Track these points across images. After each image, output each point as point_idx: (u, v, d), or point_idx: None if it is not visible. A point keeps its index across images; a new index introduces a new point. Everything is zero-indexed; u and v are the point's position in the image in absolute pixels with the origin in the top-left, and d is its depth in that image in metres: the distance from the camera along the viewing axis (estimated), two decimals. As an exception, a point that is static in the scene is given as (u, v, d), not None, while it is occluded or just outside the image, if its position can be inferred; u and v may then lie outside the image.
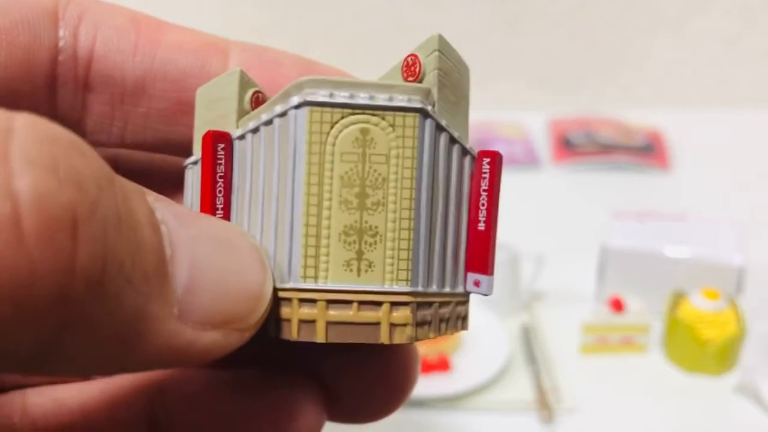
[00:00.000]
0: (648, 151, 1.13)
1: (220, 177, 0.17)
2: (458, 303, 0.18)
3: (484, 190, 0.17)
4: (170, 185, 0.21)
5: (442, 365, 0.67)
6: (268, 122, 0.16)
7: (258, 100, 0.18)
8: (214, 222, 0.15)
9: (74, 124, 0.19)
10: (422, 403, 0.63)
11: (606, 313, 0.70)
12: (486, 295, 0.17)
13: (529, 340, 0.72)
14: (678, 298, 0.70)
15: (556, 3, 1.25)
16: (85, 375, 0.14)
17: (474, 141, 1.17)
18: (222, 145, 0.17)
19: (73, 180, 0.11)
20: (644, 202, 0.89)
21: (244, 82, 0.18)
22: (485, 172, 0.17)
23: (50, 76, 0.18)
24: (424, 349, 0.67)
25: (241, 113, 0.18)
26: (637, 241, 0.75)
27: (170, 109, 0.19)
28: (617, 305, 0.70)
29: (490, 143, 1.16)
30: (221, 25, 1.27)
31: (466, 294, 0.18)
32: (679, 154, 1.14)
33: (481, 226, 0.17)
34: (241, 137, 0.17)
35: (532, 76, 1.30)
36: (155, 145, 0.20)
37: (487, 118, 1.25)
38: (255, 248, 0.15)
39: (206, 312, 0.13)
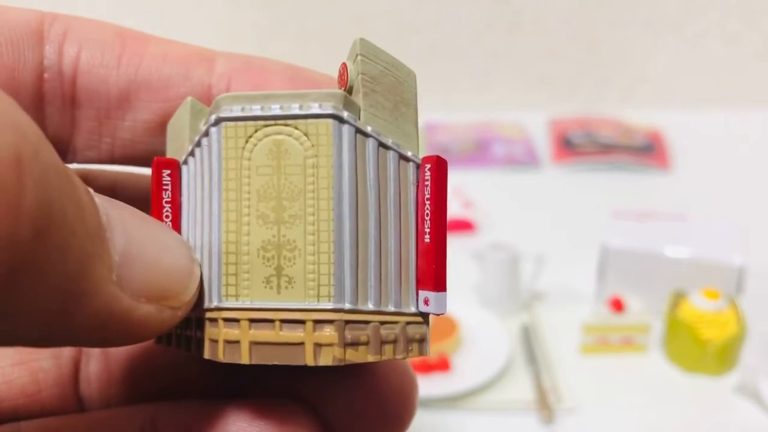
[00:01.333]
0: (648, 151, 1.13)
1: (167, 202, 0.17)
2: (409, 323, 0.16)
3: (427, 199, 0.16)
4: None
5: (442, 365, 0.67)
6: (198, 143, 0.16)
7: None
8: (140, 211, 0.15)
9: (65, 142, 0.19)
10: (422, 403, 0.63)
11: (606, 313, 0.70)
12: (438, 314, 0.16)
13: (529, 340, 0.72)
14: (678, 298, 0.70)
15: (557, 3, 1.25)
16: (34, 342, 0.14)
17: (474, 141, 1.17)
18: (168, 171, 0.17)
19: (14, 126, 0.10)
20: (644, 202, 0.89)
21: (196, 110, 0.17)
22: (427, 180, 0.16)
23: (37, 94, 0.18)
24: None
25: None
26: (637, 241, 0.75)
27: (156, 121, 0.19)
28: (617, 305, 0.70)
29: (491, 143, 1.16)
30: (223, 26, 1.27)
31: (422, 314, 0.17)
32: (679, 154, 1.14)
33: (427, 239, 0.16)
34: (185, 162, 0.17)
35: (532, 76, 1.30)
36: (143, 158, 0.20)
37: (487, 118, 1.25)
38: (180, 239, 0.15)
39: (141, 283, 0.13)
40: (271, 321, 0.14)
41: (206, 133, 0.15)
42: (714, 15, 1.23)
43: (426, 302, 0.16)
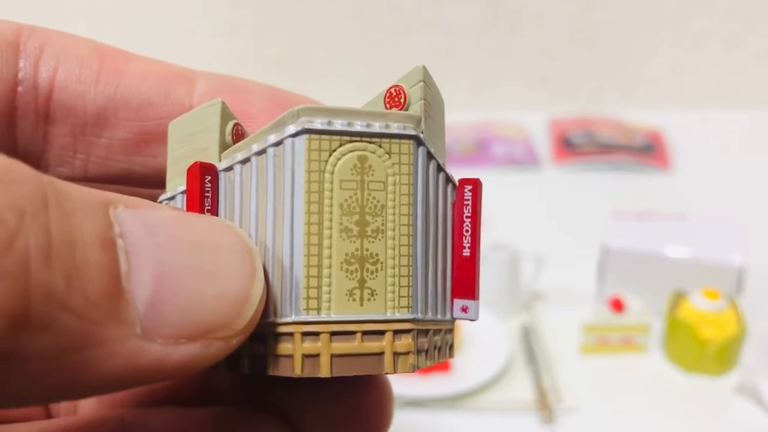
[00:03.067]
0: (648, 151, 1.13)
1: (207, 210, 0.17)
2: (447, 330, 0.18)
3: (467, 217, 0.17)
4: None
5: (442, 365, 0.67)
6: (261, 152, 0.16)
7: (239, 133, 0.18)
8: (195, 223, 0.14)
9: (36, 157, 0.19)
10: (422, 403, 0.63)
11: (606, 313, 0.70)
12: (473, 320, 0.17)
13: (529, 340, 0.72)
14: (678, 298, 0.70)
15: (556, 3, 1.25)
16: (40, 404, 0.13)
17: (474, 141, 1.17)
18: (209, 177, 0.17)
19: None
20: (644, 202, 0.89)
21: (225, 114, 0.17)
22: (467, 200, 0.17)
23: (9, 107, 0.18)
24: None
25: (223, 145, 0.17)
26: (637, 241, 0.75)
27: (133, 139, 0.19)
28: (617, 305, 0.70)
29: (490, 143, 1.16)
30: (223, 27, 1.27)
31: (453, 321, 0.18)
32: (679, 154, 1.14)
33: (466, 252, 0.17)
34: (228, 169, 0.17)
35: (532, 76, 1.30)
36: (118, 177, 0.19)
37: (487, 118, 1.25)
38: (242, 246, 0.14)
39: (177, 325, 0.13)
40: (353, 333, 0.15)
41: (277, 143, 0.15)
42: (714, 15, 1.23)
43: (464, 310, 0.17)
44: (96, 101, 0.18)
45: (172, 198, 0.18)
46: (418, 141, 0.15)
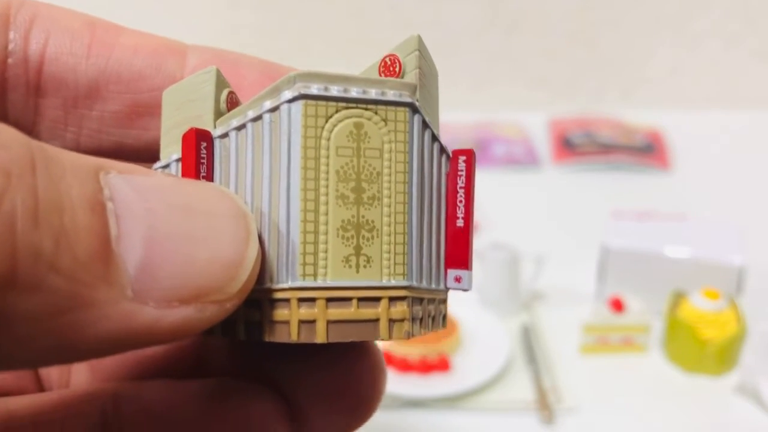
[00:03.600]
0: (648, 151, 1.13)
1: (203, 177, 0.17)
2: (441, 300, 0.18)
3: (461, 188, 0.17)
4: None
5: (442, 365, 0.67)
6: (256, 118, 0.15)
7: (233, 101, 0.18)
8: (188, 188, 0.14)
9: (27, 129, 0.19)
10: (422, 403, 0.63)
11: (606, 313, 0.70)
12: (466, 290, 0.17)
13: (529, 340, 0.72)
14: (678, 298, 0.70)
15: (556, 3, 1.25)
16: (31, 368, 0.13)
17: (474, 141, 1.17)
18: (204, 144, 0.17)
19: None
20: (644, 202, 0.89)
21: (220, 81, 0.17)
22: (461, 170, 0.17)
23: (0, 79, 0.18)
24: (424, 349, 0.67)
25: (218, 113, 0.17)
26: (637, 241, 0.75)
27: (125, 112, 0.19)
28: (617, 305, 0.70)
29: (490, 143, 1.16)
30: (222, 25, 1.27)
31: (446, 291, 0.18)
32: (679, 154, 1.14)
33: (460, 223, 0.17)
34: (224, 135, 0.17)
35: (532, 76, 1.30)
36: (110, 150, 0.19)
37: (487, 118, 1.25)
38: (236, 211, 0.14)
39: (169, 288, 0.13)
40: (349, 299, 0.15)
41: (273, 109, 0.15)
42: (714, 15, 1.23)
43: (457, 280, 0.17)
44: (87, 74, 0.18)
45: (166, 166, 0.18)
46: (414, 108, 0.15)
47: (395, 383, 0.64)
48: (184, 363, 0.19)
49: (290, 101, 0.15)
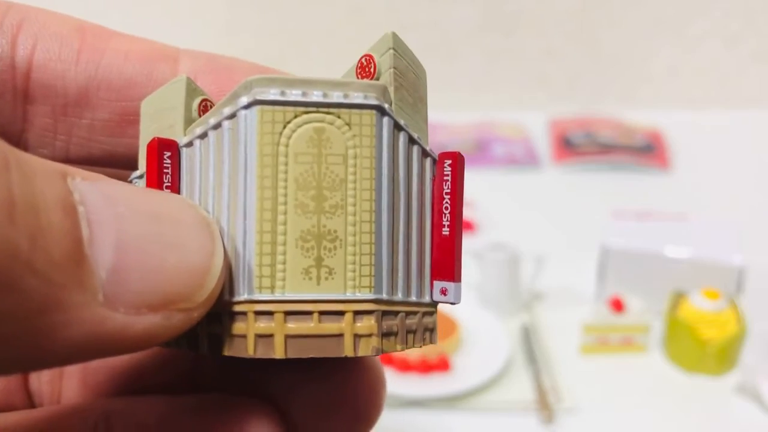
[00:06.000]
0: (648, 151, 1.13)
1: (167, 187, 0.16)
2: (425, 314, 0.17)
3: (446, 193, 0.16)
4: None
5: (442, 365, 0.67)
6: (217, 126, 0.15)
7: (206, 108, 0.17)
8: (154, 197, 0.14)
9: (16, 137, 0.18)
10: (422, 403, 0.63)
11: (606, 313, 0.70)
12: (453, 303, 0.16)
13: (529, 340, 0.72)
14: (678, 298, 0.70)
15: (556, 3, 1.25)
16: (4, 373, 0.13)
17: (474, 141, 1.17)
18: (168, 153, 0.16)
19: None
20: (644, 202, 0.89)
21: (191, 89, 0.17)
22: (447, 175, 0.16)
23: None
24: (424, 350, 0.67)
25: (189, 122, 0.17)
26: (637, 241, 0.75)
27: (115, 120, 0.18)
28: (617, 305, 0.70)
29: (490, 143, 1.16)
30: (223, 26, 1.27)
31: (433, 304, 0.17)
32: (679, 154, 1.14)
33: (446, 231, 0.16)
34: (189, 144, 0.16)
35: (532, 76, 1.30)
36: (101, 158, 0.19)
37: (487, 118, 1.25)
38: (201, 220, 0.14)
39: (138, 294, 0.12)
40: (309, 313, 0.14)
41: (232, 116, 0.14)
42: (714, 16, 1.23)
43: (443, 292, 0.16)
44: (77, 80, 0.18)
45: (141, 176, 0.17)
46: (382, 111, 0.14)
47: (395, 383, 0.64)
48: (177, 377, 0.19)
49: (246, 107, 0.14)
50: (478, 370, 0.66)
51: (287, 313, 0.14)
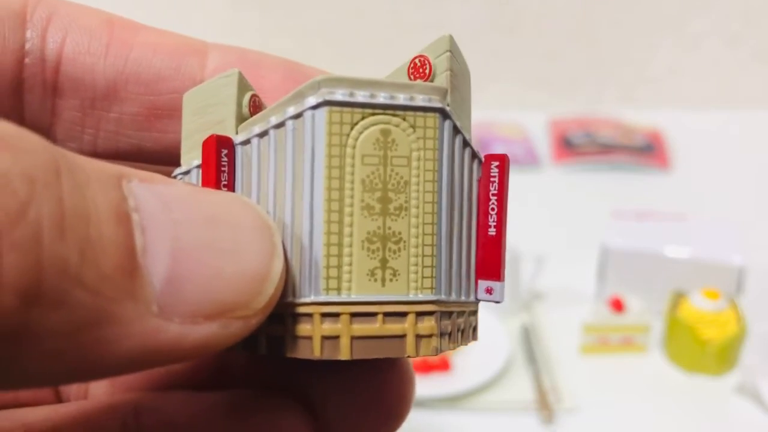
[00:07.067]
0: (648, 151, 1.13)
1: (224, 185, 0.16)
2: (470, 312, 0.17)
3: (493, 194, 0.17)
4: None
5: (442, 365, 0.67)
6: (279, 125, 0.15)
7: (255, 104, 0.17)
8: (211, 199, 0.13)
9: (44, 131, 0.18)
10: (422, 403, 0.63)
11: (606, 313, 0.70)
12: (498, 302, 0.17)
13: (529, 340, 0.72)
14: (678, 298, 0.70)
15: (556, 3, 1.25)
16: (53, 385, 0.13)
17: (474, 141, 1.17)
18: (225, 151, 0.16)
19: None
20: (644, 202, 0.89)
21: (243, 84, 0.17)
22: (494, 176, 0.17)
23: (16, 80, 0.17)
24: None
25: (240, 118, 0.17)
26: (637, 241, 0.75)
27: (144, 114, 0.18)
28: (617, 305, 0.70)
29: (490, 143, 1.16)
30: (223, 26, 1.27)
31: (477, 302, 0.17)
32: (679, 154, 1.14)
33: (492, 232, 0.17)
34: (245, 142, 0.16)
35: (532, 76, 1.30)
36: (129, 152, 0.19)
37: (487, 118, 1.25)
38: (261, 223, 0.14)
39: (194, 304, 0.12)
40: (374, 314, 0.14)
41: (297, 116, 0.14)
42: (714, 15, 1.23)
43: (489, 291, 0.17)
44: (105, 74, 0.18)
45: (187, 172, 0.17)
46: (444, 114, 0.15)
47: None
48: (206, 374, 0.19)
49: (314, 108, 0.14)
50: (478, 369, 0.66)
51: (353, 315, 0.14)
